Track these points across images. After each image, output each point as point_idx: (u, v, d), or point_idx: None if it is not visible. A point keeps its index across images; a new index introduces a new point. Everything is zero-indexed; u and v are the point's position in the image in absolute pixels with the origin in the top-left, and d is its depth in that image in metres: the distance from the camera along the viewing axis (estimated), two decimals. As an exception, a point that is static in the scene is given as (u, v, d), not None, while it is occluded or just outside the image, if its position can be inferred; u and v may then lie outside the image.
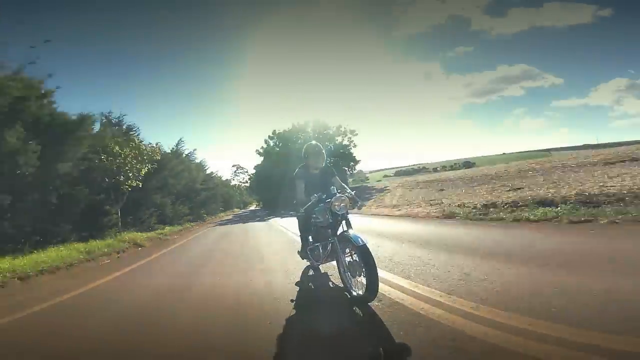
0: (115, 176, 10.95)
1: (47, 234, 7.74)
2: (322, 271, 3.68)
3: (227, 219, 26.29)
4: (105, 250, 7.93)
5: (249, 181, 52.87)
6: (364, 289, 2.47)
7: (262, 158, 36.11)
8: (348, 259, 2.79)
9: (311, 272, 3.76)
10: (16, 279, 5.20)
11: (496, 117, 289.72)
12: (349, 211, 2.98)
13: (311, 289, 3.33)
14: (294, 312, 2.60)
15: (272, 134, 34.93)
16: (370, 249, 2.51)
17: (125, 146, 11.09)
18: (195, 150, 41.23)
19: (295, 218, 3.80)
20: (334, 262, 3.09)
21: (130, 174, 11.20)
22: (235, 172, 63.24)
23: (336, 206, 2.87)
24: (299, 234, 3.77)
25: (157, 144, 14.07)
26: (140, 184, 11.77)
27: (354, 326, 2.26)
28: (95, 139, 10.58)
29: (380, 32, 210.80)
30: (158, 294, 3.85)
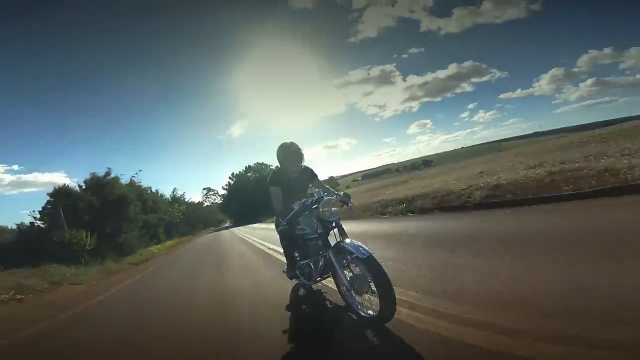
0: (171, 218, 29.81)
1: (160, 238, 26.63)
2: (315, 288, 3.27)
3: (209, 233, 45.06)
4: (179, 241, 27.08)
5: (220, 202, 69.39)
6: (375, 308, 2.12)
7: (226, 191, 55.64)
8: (349, 274, 2.35)
9: (301, 292, 3.39)
10: (180, 243, 24.16)
11: (452, 114, 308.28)
12: (340, 217, 2.50)
13: (306, 312, 2.95)
14: (290, 345, 2.21)
15: (232, 175, 54.57)
16: None
17: (174, 207, 30.24)
18: (184, 192, 59.11)
19: (277, 233, 3.21)
20: (328, 278, 2.80)
21: (176, 217, 30.31)
22: (206, 194, 77.87)
23: (326, 212, 2.42)
24: (283, 251, 3.30)
25: (180, 201, 33.49)
26: (181, 220, 30.88)
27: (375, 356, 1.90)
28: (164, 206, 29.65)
29: (337, 41, 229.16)
30: (205, 244, 22.64)
